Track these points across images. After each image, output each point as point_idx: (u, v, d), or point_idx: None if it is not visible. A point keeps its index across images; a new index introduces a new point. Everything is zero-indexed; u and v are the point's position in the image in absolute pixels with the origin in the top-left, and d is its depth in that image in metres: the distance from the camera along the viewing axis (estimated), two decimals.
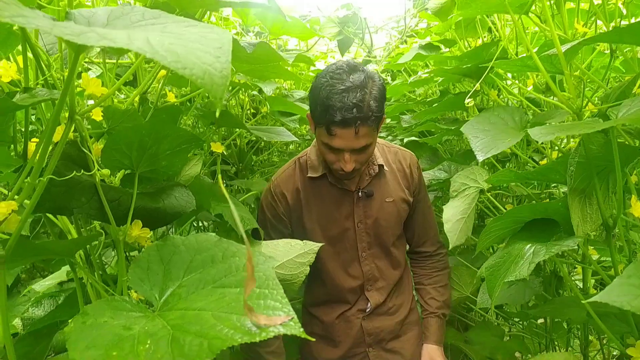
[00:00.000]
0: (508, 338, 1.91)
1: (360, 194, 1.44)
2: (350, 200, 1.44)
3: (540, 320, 1.81)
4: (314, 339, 0.48)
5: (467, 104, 1.13)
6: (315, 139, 1.49)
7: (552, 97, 1.40)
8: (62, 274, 1.26)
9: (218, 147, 1.38)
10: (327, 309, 1.53)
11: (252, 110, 2.14)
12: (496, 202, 1.24)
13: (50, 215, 0.93)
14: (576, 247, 0.78)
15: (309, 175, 1.44)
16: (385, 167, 1.46)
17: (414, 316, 1.59)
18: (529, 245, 0.84)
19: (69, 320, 0.49)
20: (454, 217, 1.23)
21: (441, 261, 1.61)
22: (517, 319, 2.05)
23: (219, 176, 1.45)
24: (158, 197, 0.87)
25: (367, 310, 1.50)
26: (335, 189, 1.44)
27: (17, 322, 1.18)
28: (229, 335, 0.47)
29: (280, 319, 0.50)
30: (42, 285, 1.25)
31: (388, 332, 1.52)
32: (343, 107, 1.18)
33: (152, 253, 0.62)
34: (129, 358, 0.46)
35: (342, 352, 1.52)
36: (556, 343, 1.69)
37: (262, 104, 2.07)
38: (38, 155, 0.60)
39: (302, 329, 0.49)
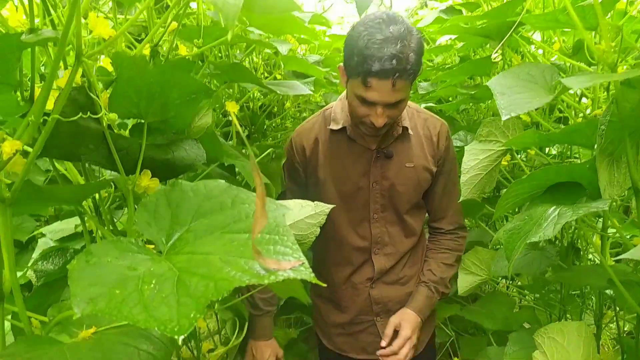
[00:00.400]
0: (518, 309, 1.90)
1: (379, 153, 1.40)
2: (368, 158, 1.41)
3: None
4: (324, 284, 0.46)
5: (494, 59, 1.08)
6: (342, 93, 1.45)
7: (580, 63, 1.34)
8: (72, 221, 1.25)
9: (233, 106, 1.35)
10: (333, 270, 1.52)
11: (265, 74, 2.10)
12: (522, 164, 1.19)
13: (59, 167, 0.92)
14: (607, 208, 0.74)
15: (329, 127, 1.42)
16: (410, 131, 1.41)
17: None
18: (552, 208, 0.80)
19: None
20: (474, 170, 1.19)
21: (455, 241, 1.54)
22: (528, 291, 2.02)
23: (237, 127, 1.42)
24: (168, 149, 0.85)
25: (373, 277, 1.48)
26: (354, 145, 1.41)
27: (30, 274, 1.18)
28: (236, 277, 0.45)
29: (290, 264, 0.48)
30: (51, 231, 1.24)
31: (397, 302, 1.50)
32: (382, 57, 1.14)
33: (159, 197, 0.60)
34: (133, 296, 0.44)
35: (349, 318, 1.52)
36: (568, 315, 1.67)
37: (275, 67, 2.02)
38: (42, 92, 0.57)
39: (312, 275, 0.47)
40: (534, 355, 0.90)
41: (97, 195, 0.93)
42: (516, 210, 1.93)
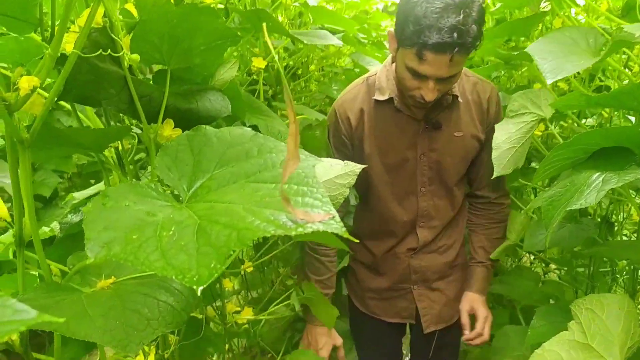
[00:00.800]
0: (541, 285, 1.85)
1: (427, 124, 1.32)
2: (415, 129, 1.32)
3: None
4: (357, 241, 0.43)
5: (543, 8, 1.00)
6: (387, 59, 1.36)
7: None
8: (101, 185, 1.25)
9: (260, 62, 1.30)
10: (376, 241, 1.48)
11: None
12: (557, 135, 1.12)
13: (81, 116, 0.90)
14: None
15: (374, 97, 1.33)
16: (459, 99, 1.31)
17: (461, 259, 1.53)
18: (597, 174, 0.75)
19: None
20: (505, 144, 1.13)
21: (501, 213, 1.49)
22: (554, 266, 1.97)
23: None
24: (192, 98, 0.81)
25: (416, 248, 1.45)
26: (400, 116, 1.32)
27: (54, 225, 1.19)
28: (261, 227, 0.42)
29: (320, 216, 0.44)
30: (82, 194, 1.25)
31: (434, 272, 1.47)
32: (442, 29, 1.03)
33: (181, 142, 0.56)
34: (151, 242, 0.41)
35: (386, 285, 1.50)
36: (596, 292, 1.62)
37: (301, 27, 1.95)
38: (61, 24, 0.54)
39: (344, 229, 0.43)
40: (569, 325, 0.86)
41: (119, 147, 0.91)
42: (547, 182, 1.86)
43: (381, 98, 1.31)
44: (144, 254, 0.40)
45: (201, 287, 0.38)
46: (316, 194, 0.48)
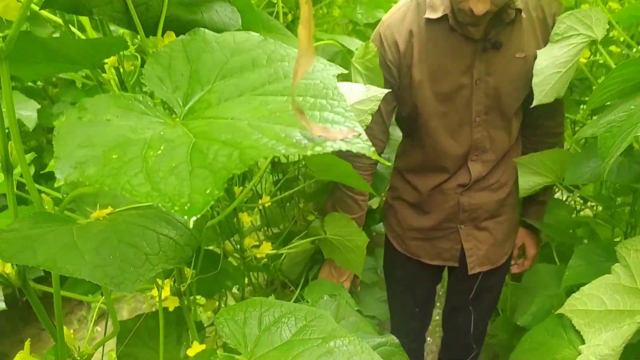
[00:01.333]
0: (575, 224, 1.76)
1: (485, 43, 1.17)
2: (472, 51, 1.18)
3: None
4: (389, 164, 0.36)
5: None
6: None
7: None
8: None
9: None
10: (423, 177, 1.38)
11: None
12: (607, 57, 0.99)
13: (76, 31, 0.81)
14: None
15: (426, 16, 1.18)
16: (523, 14, 1.16)
17: (513, 199, 1.43)
18: None
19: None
20: (549, 69, 1.01)
21: (559, 144, 1.39)
22: (593, 204, 1.87)
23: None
24: (196, 8, 0.71)
25: (467, 184, 1.35)
26: (455, 36, 1.18)
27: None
28: (268, 145, 0.34)
29: (342, 133, 0.36)
30: None
31: (485, 211, 1.38)
32: None
33: (176, 48, 0.47)
34: (134, 163, 0.33)
35: (431, 224, 1.42)
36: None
37: None
38: None
39: (372, 148, 0.35)
40: (613, 268, 0.78)
41: (121, 69, 0.83)
42: (587, 114, 1.72)
43: (433, 16, 1.16)
44: (125, 177, 0.33)
45: (194, 218, 0.31)
46: (337, 108, 0.39)
